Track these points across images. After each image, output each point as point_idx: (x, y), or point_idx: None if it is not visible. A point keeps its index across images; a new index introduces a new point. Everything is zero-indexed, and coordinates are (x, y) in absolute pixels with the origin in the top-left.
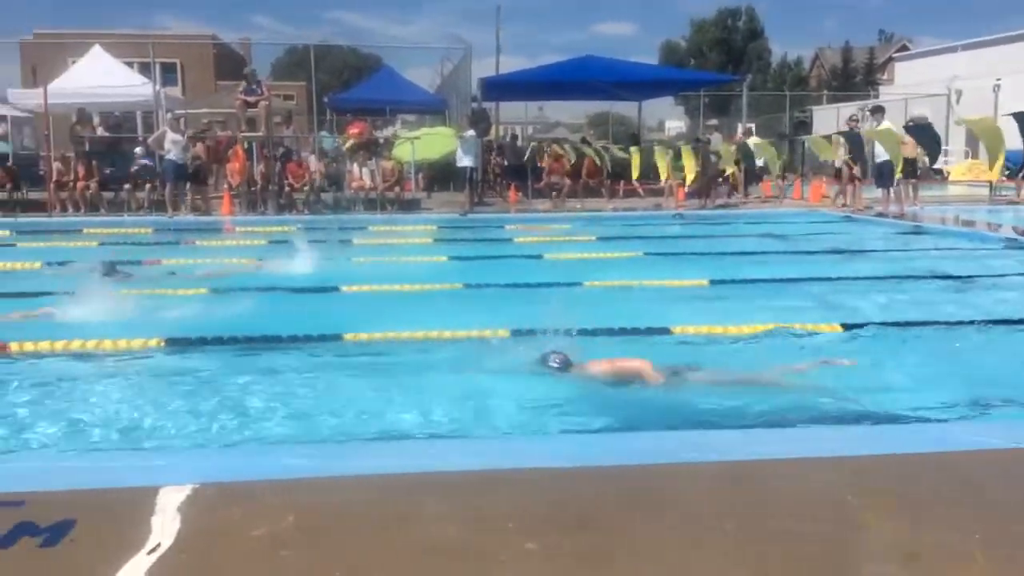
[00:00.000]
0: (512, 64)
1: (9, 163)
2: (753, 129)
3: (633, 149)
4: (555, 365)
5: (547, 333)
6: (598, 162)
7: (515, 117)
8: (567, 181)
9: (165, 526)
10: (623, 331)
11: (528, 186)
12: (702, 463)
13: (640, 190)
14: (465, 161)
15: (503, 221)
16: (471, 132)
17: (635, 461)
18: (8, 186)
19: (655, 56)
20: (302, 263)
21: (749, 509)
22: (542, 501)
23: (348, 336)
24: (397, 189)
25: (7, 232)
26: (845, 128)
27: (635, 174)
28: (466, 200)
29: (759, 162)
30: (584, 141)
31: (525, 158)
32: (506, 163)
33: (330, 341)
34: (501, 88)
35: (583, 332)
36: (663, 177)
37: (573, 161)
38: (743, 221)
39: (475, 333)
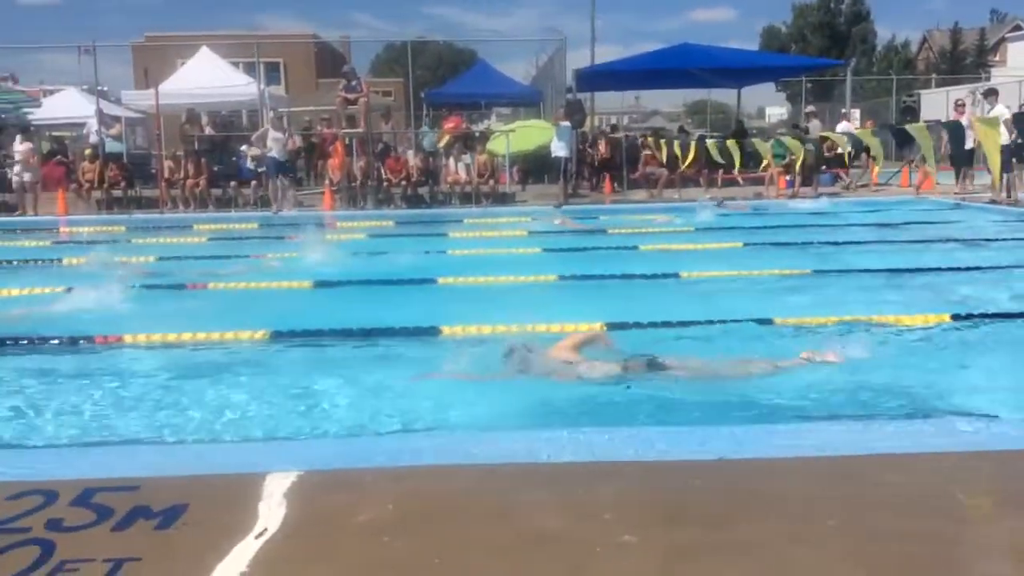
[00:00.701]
0: (608, 54)
1: (124, 162)
2: (816, 112)
3: (731, 143)
4: (517, 356)
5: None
6: (689, 157)
7: (611, 107)
8: (664, 171)
9: (272, 511)
10: (722, 322)
11: (624, 177)
12: (802, 457)
13: (740, 179)
14: (560, 152)
15: (598, 212)
16: (566, 123)
17: (734, 455)
18: (123, 184)
19: (755, 42)
20: (400, 255)
21: (852, 504)
22: (641, 494)
23: (446, 329)
24: (492, 182)
25: (122, 228)
26: (954, 113)
27: (737, 164)
28: (560, 192)
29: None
30: (682, 130)
31: (620, 149)
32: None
33: (427, 334)
34: (596, 78)
35: (680, 324)
36: (763, 165)
37: (666, 154)
38: (849, 209)
39: (570, 327)
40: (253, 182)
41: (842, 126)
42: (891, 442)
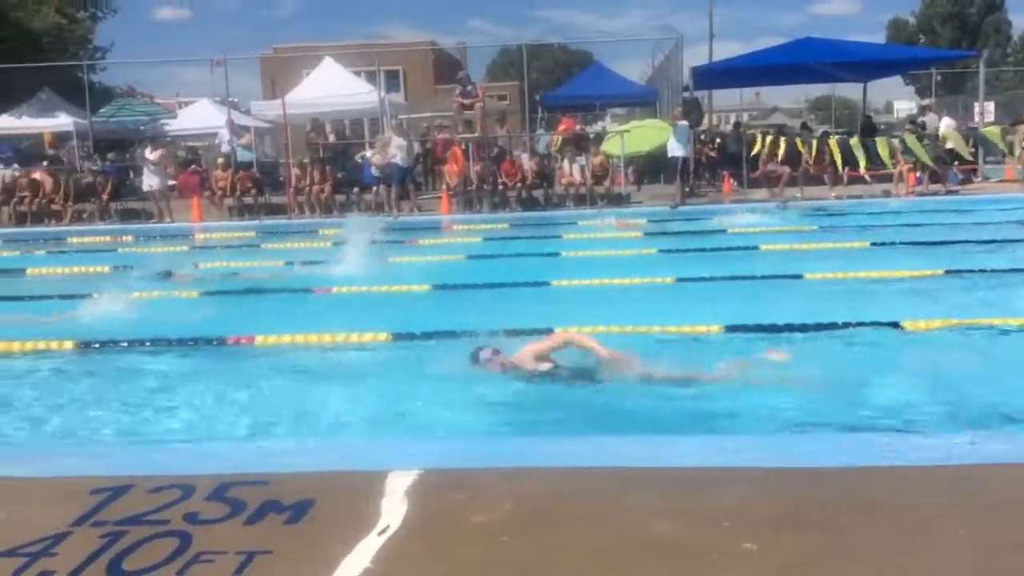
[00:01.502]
0: (726, 50)
1: (253, 170)
2: (933, 106)
3: (854, 142)
4: (486, 359)
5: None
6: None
7: (729, 104)
8: (786, 169)
9: (394, 509)
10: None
11: (743, 175)
12: (923, 465)
13: (867, 177)
14: (677, 152)
15: (715, 212)
16: (683, 122)
17: (856, 462)
18: (253, 191)
19: (881, 34)
20: (515, 258)
21: (975, 514)
22: (759, 500)
23: (559, 331)
24: (606, 183)
25: (253, 233)
26: None
27: (862, 162)
28: (677, 192)
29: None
30: (804, 127)
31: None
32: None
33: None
34: (714, 76)
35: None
36: (888, 163)
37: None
38: (976, 206)
39: (686, 329)
40: (375, 187)
41: (945, 122)
42: (1014, 448)
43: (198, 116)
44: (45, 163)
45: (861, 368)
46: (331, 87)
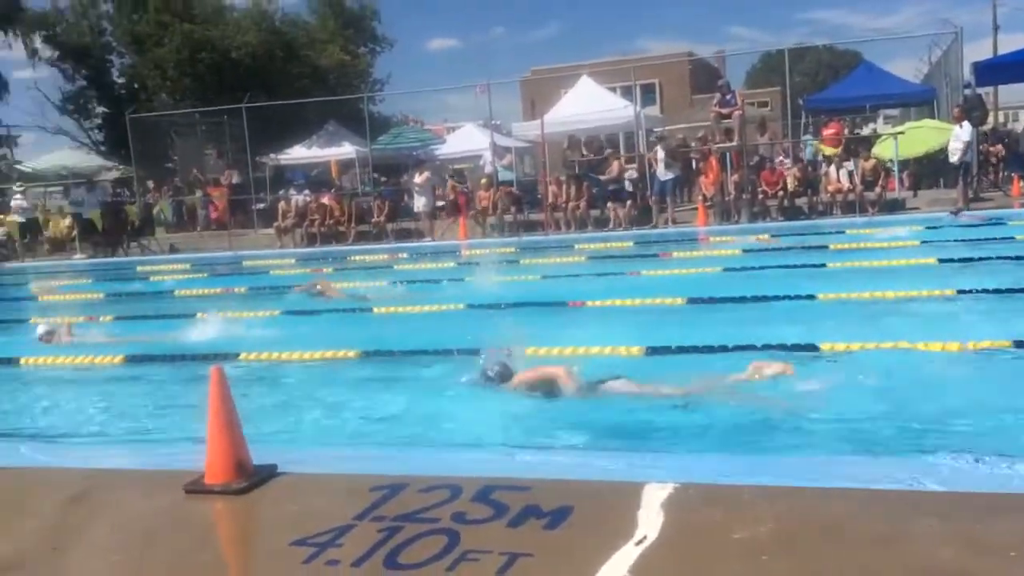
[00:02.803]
0: (1012, 43)
1: (513, 188)
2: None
3: None
4: (491, 375)
5: None
6: None
7: (1018, 100)
8: None
9: (651, 520)
10: None
11: None
12: None
13: None
14: (958, 153)
15: (1003, 217)
16: (965, 122)
17: None
18: (513, 209)
19: None
20: (777, 270)
21: None
22: None
23: (824, 346)
24: (878, 189)
25: (513, 249)
26: None
27: None
28: (959, 196)
29: None
30: None
31: None
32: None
33: (805, 350)
34: (999, 70)
35: None
36: None
37: None
38: None
39: (974, 345)
40: (628, 202)
41: None
42: None
43: (463, 140)
44: (332, 189)
45: None
46: (587, 104)
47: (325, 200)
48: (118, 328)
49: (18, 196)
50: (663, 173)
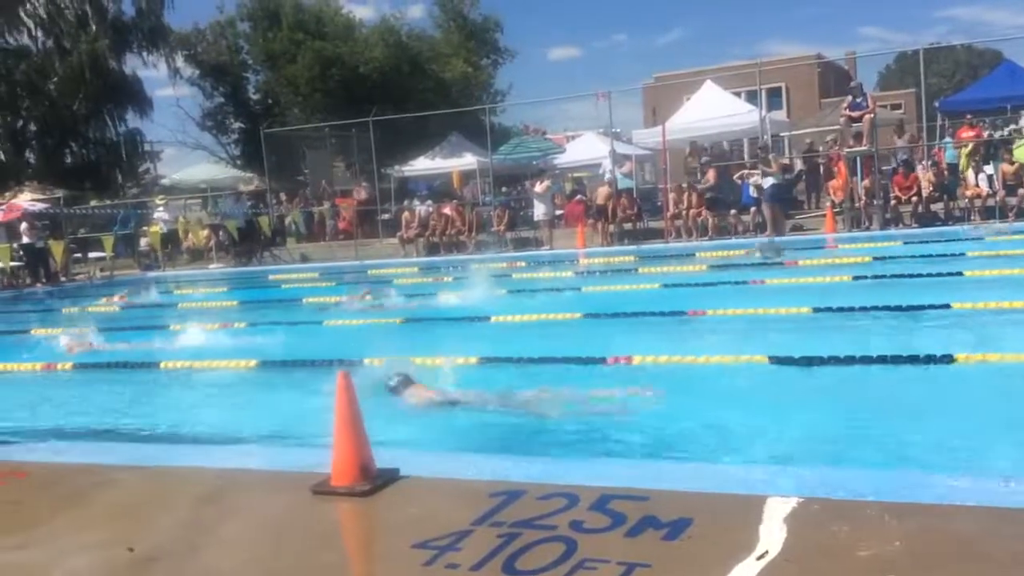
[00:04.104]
0: None
1: (633, 196)
2: None
3: None
4: (392, 385)
5: None
6: None
7: None
8: None
9: (772, 534)
10: None
11: None
12: None
13: None
14: None
15: None
16: None
17: None
18: (632, 217)
19: None
20: (910, 279)
21: None
22: None
23: (960, 357)
24: (1022, 193)
25: (631, 258)
26: None
27: None
28: None
29: None
30: None
31: None
32: None
33: (939, 363)
34: None
35: None
36: None
37: None
38: None
39: None
40: (752, 209)
41: None
42: None
43: (584, 148)
44: (454, 200)
45: None
46: (710, 110)
47: (447, 210)
48: (250, 334)
49: (160, 208)
50: (765, 181)
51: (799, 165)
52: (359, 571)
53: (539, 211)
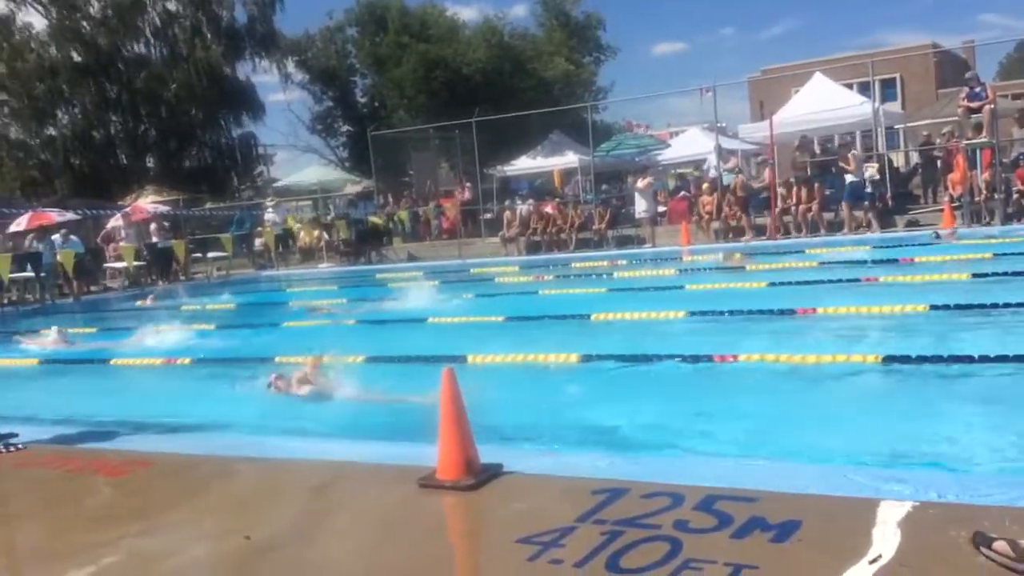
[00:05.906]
0: None
1: (739, 192)
2: None
3: None
4: (272, 390)
5: None
6: None
7: None
8: None
9: (886, 539)
10: None
11: None
12: None
13: None
14: None
15: None
16: None
17: None
18: (738, 213)
19: None
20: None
21: None
22: None
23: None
24: None
25: (737, 256)
26: None
27: None
28: None
29: None
30: None
31: None
32: None
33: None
34: None
35: None
36: None
37: None
38: None
39: None
40: (865, 203)
41: None
42: None
43: (687, 143)
44: (555, 198)
45: None
46: (820, 102)
47: (548, 209)
48: (357, 331)
49: (270, 210)
50: (851, 176)
51: (915, 158)
52: (465, 564)
53: (640, 208)
